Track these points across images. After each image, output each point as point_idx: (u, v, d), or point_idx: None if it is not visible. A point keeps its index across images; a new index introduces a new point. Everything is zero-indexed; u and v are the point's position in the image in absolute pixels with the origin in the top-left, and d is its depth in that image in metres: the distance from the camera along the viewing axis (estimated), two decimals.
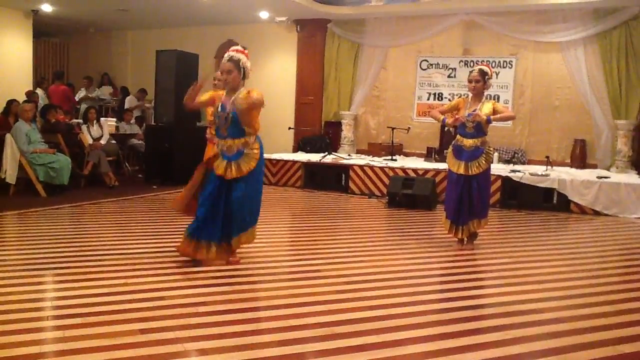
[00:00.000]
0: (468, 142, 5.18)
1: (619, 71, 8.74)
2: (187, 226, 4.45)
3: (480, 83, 5.16)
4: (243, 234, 4.42)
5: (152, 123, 9.78)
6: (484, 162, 5.16)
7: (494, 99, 8.76)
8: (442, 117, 5.37)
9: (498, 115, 5.13)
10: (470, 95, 5.29)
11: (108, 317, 3.22)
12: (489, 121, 5.09)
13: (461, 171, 5.18)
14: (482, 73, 5.16)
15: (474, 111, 5.13)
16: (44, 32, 12.78)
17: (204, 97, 4.49)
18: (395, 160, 9.23)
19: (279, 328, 3.16)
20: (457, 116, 5.23)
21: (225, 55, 4.39)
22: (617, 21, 8.67)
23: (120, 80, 12.98)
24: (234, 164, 4.31)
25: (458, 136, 5.30)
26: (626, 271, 4.85)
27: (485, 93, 5.33)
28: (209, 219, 4.34)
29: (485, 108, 5.14)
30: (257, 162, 4.37)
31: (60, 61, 13.47)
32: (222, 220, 4.36)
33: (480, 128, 5.15)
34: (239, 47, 4.46)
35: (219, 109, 4.36)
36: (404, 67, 10.43)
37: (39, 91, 10.50)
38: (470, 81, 5.21)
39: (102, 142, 8.66)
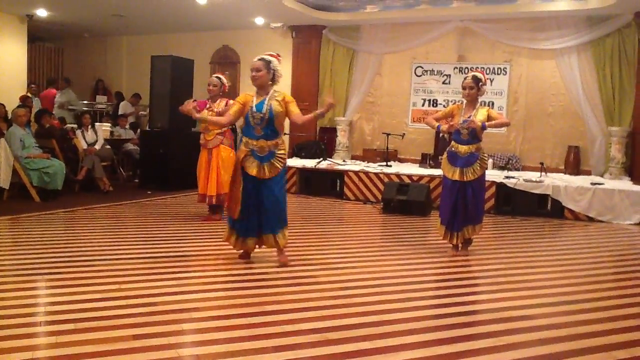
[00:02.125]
0: (463, 149, 5.19)
1: (612, 78, 8.80)
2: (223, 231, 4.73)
3: (474, 90, 5.17)
4: (282, 230, 4.63)
5: (147, 128, 9.77)
6: (478, 168, 5.17)
7: (489, 106, 8.78)
8: (436, 124, 5.38)
9: (493, 122, 5.14)
10: (465, 101, 5.31)
11: (101, 322, 3.20)
12: (484, 128, 5.10)
13: (456, 177, 5.18)
14: (476, 79, 5.17)
15: (469, 118, 5.14)
16: (39, 37, 12.78)
17: (235, 107, 4.61)
18: (390, 166, 9.24)
19: (273, 334, 3.15)
20: (452, 123, 5.24)
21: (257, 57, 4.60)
22: (610, 28, 8.73)
23: (115, 86, 12.98)
24: (266, 166, 4.50)
25: (453, 142, 5.30)
26: (620, 277, 4.86)
27: (480, 99, 5.35)
28: (244, 217, 4.55)
29: (480, 115, 5.15)
30: (284, 163, 4.61)
31: (54, 66, 13.46)
32: (257, 217, 4.58)
33: (474, 134, 5.16)
34: (272, 52, 4.65)
35: (254, 109, 4.48)
36: (398, 74, 10.46)
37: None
38: (464, 88, 5.22)
39: (97, 147, 8.64)
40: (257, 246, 4.74)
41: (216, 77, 6.45)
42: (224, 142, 6.30)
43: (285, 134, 10.63)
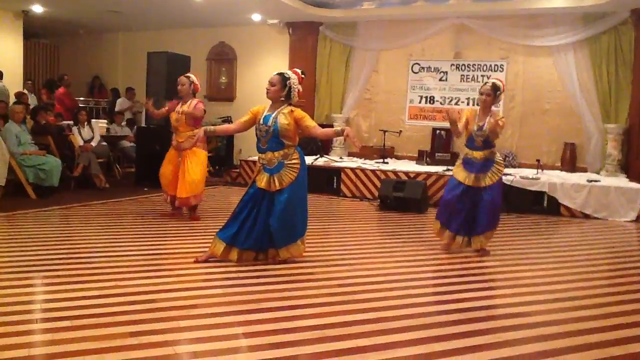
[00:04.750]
0: (479, 155, 5.13)
1: (609, 75, 8.80)
2: (219, 229, 4.60)
3: (490, 97, 5.11)
4: (291, 245, 4.57)
5: (143, 125, 9.74)
6: (495, 172, 5.10)
7: None
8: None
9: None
10: (479, 107, 5.25)
11: (98, 319, 3.20)
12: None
13: (470, 183, 5.11)
14: (495, 88, 5.11)
15: (482, 125, 5.08)
16: (34, 34, 12.71)
17: (246, 117, 4.64)
18: (387, 163, 9.24)
19: (271, 331, 3.15)
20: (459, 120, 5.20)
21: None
22: (606, 26, 8.73)
23: (111, 82, 12.93)
24: (276, 177, 4.46)
25: (467, 150, 5.24)
26: (615, 274, 4.88)
27: (494, 108, 5.27)
28: (246, 228, 4.49)
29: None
30: (299, 172, 4.50)
31: (50, 63, 13.40)
32: (260, 230, 4.49)
33: (487, 141, 5.11)
34: (297, 70, 4.65)
35: (261, 121, 4.50)
36: (395, 70, 10.45)
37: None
38: (481, 93, 5.16)
39: (93, 144, 8.61)
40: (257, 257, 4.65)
41: (185, 76, 6.45)
42: (197, 144, 6.29)
43: None
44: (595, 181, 7.73)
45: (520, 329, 3.34)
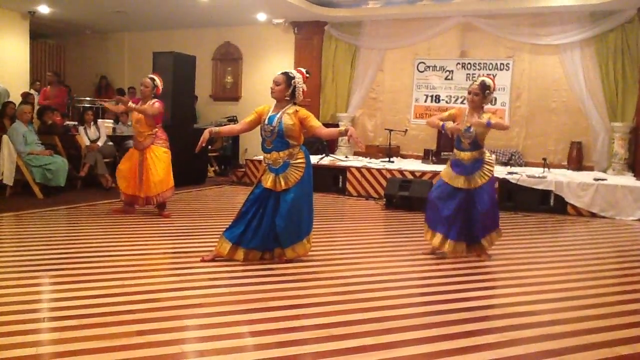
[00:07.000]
0: (466, 156, 4.94)
1: (615, 74, 8.77)
2: (225, 228, 4.61)
3: (478, 96, 4.87)
4: (297, 244, 4.57)
5: None
6: (486, 172, 4.92)
7: (492, 102, 8.71)
8: (441, 123, 5.01)
9: (495, 121, 4.81)
10: (468, 107, 5.01)
11: (104, 318, 3.21)
12: (488, 125, 4.78)
13: (460, 185, 4.93)
14: (483, 86, 4.87)
15: (470, 127, 4.88)
16: (41, 34, 12.77)
17: (251, 117, 4.64)
18: (393, 162, 9.24)
19: (276, 330, 3.16)
20: (457, 125, 4.91)
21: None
22: (613, 24, 8.70)
23: (117, 83, 12.97)
24: (281, 177, 4.47)
25: (455, 151, 5.06)
26: (622, 273, 4.86)
27: (485, 107, 5.03)
28: (252, 227, 4.51)
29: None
30: (304, 171, 4.51)
31: (56, 63, 13.45)
32: (266, 230, 4.51)
33: (476, 142, 4.93)
34: (301, 69, 4.64)
35: (266, 122, 4.50)
36: (401, 69, 10.44)
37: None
38: (469, 92, 4.93)
39: (99, 143, 8.64)
40: (263, 256, 4.65)
41: (150, 78, 6.47)
42: (156, 142, 6.36)
43: None
44: (602, 180, 7.70)
45: (526, 328, 3.32)
